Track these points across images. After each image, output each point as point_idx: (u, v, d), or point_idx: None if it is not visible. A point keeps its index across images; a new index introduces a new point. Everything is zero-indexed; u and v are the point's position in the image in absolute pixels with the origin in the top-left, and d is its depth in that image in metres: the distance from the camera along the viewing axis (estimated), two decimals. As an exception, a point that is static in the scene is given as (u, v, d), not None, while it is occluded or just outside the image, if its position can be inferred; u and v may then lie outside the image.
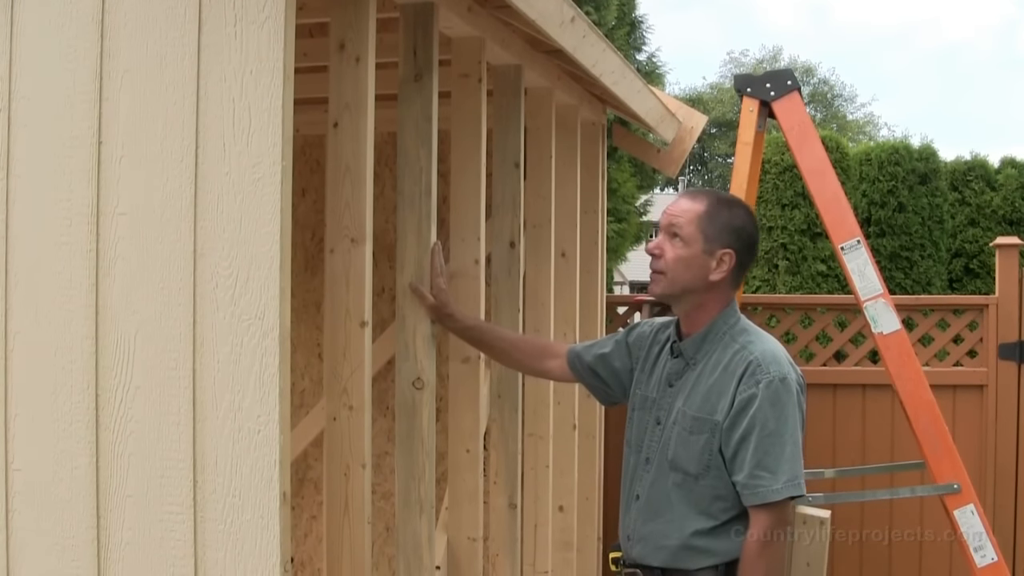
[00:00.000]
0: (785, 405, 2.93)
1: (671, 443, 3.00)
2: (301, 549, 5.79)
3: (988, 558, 4.56)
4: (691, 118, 6.18)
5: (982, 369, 6.47)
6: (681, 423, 2.99)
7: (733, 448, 2.92)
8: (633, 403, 3.21)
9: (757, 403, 2.90)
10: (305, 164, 5.75)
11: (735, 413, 2.92)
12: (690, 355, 3.05)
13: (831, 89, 54.10)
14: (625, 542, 3.14)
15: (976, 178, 11.31)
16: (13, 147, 2.65)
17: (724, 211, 3.03)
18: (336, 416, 3.05)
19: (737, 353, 2.99)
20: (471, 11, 3.72)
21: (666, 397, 3.07)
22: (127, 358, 2.54)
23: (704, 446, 2.95)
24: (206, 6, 2.49)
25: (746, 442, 2.90)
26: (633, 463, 3.13)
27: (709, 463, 2.95)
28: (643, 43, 10.85)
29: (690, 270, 3.00)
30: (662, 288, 3.04)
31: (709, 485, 2.96)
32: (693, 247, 3.00)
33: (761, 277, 10.87)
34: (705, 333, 3.05)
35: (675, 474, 2.99)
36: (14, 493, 2.65)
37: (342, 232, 3.06)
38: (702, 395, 2.98)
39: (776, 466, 2.89)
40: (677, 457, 2.99)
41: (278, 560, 2.42)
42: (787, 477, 2.90)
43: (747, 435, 2.90)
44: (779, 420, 2.91)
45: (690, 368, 3.04)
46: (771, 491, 2.89)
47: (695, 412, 2.97)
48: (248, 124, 2.45)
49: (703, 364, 3.02)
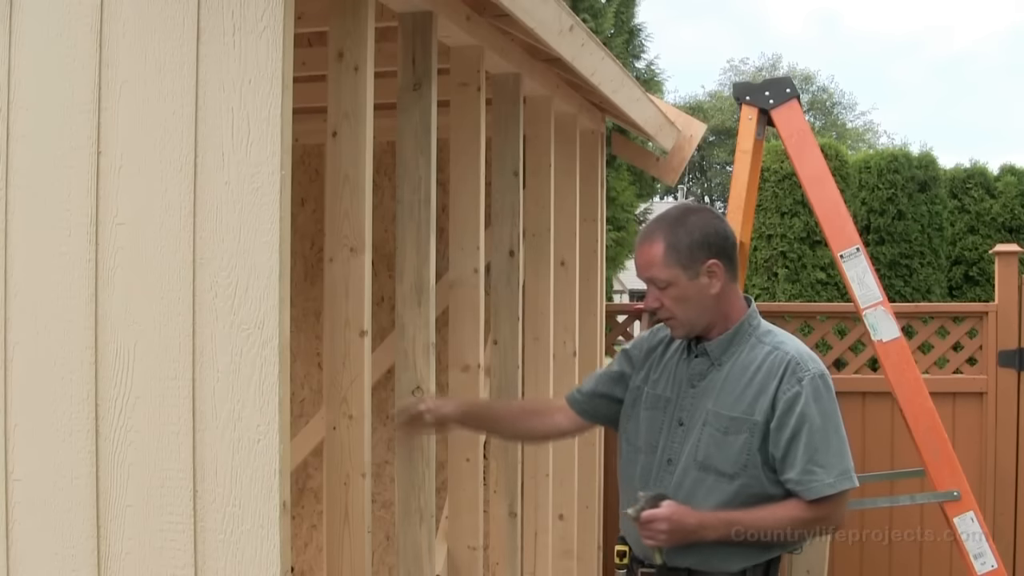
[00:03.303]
0: (828, 401, 2.97)
1: (701, 444, 2.98)
2: (301, 558, 5.79)
3: (988, 565, 4.55)
4: (690, 126, 6.19)
5: (982, 376, 6.47)
6: (714, 424, 2.97)
7: (784, 447, 2.92)
8: (639, 402, 3.15)
9: (803, 400, 2.92)
10: (304, 173, 5.75)
11: (782, 412, 2.93)
12: (716, 356, 3.04)
13: (830, 97, 54.15)
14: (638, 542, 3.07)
15: (975, 185, 11.33)
16: (12, 157, 2.65)
17: (680, 231, 3.02)
18: (336, 425, 3.05)
19: (771, 354, 3.00)
20: (470, 20, 3.73)
21: (688, 398, 3.05)
22: (127, 368, 2.54)
23: (743, 446, 2.94)
24: (204, 16, 2.49)
25: (796, 440, 2.91)
26: (648, 464, 3.08)
27: (747, 463, 2.95)
28: (642, 51, 10.88)
29: (692, 301, 3.01)
30: (684, 330, 3.06)
31: (743, 484, 2.96)
32: (680, 283, 2.99)
33: (761, 285, 10.88)
34: (733, 334, 3.04)
35: (706, 474, 2.97)
36: (14, 503, 2.64)
37: (341, 241, 3.06)
38: (735, 395, 2.97)
39: (827, 460, 2.92)
40: (710, 457, 2.97)
41: (278, 569, 2.41)
42: (839, 471, 2.94)
43: (797, 433, 2.91)
44: (824, 416, 2.94)
45: (715, 368, 3.03)
46: (825, 485, 2.92)
47: (731, 412, 2.96)
48: (247, 133, 2.45)
49: (730, 365, 3.02)
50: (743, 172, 5.10)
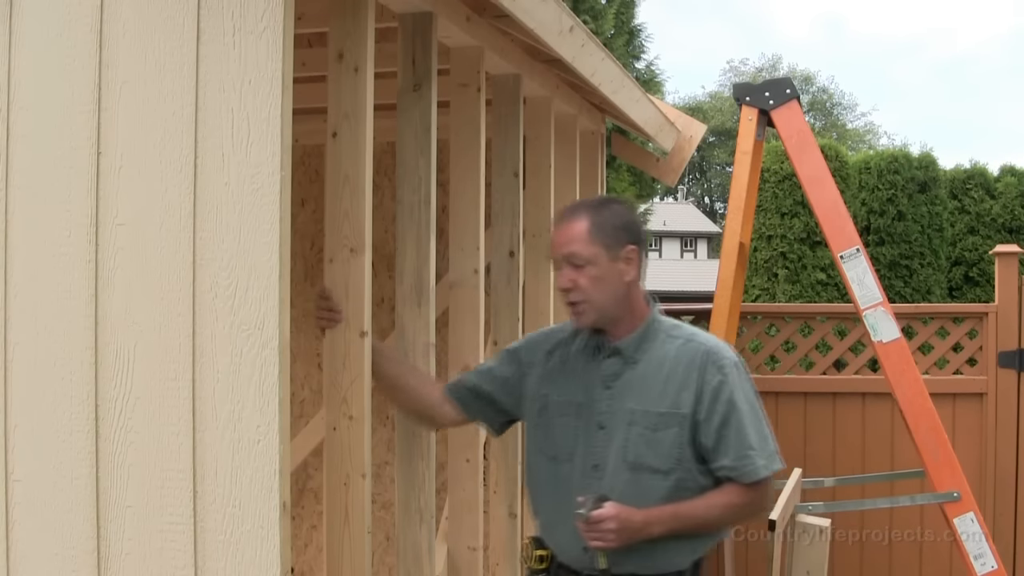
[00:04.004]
0: (749, 386, 3.01)
1: (630, 444, 2.95)
2: (301, 559, 5.79)
3: (988, 566, 4.55)
4: (690, 127, 6.19)
5: (982, 377, 6.47)
6: (642, 422, 2.95)
7: (715, 436, 2.93)
8: (548, 410, 3.07)
9: (729, 388, 2.95)
10: (304, 174, 5.75)
11: (709, 402, 2.93)
12: (630, 354, 3.01)
13: (830, 98, 54.18)
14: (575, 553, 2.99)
15: (976, 186, 11.33)
16: (12, 158, 2.65)
17: (606, 213, 3.02)
18: (336, 426, 3.05)
19: (685, 346, 3.00)
20: (470, 21, 3.73)
21: (604, 400, 3.00)
22: (127, 368, 2.54)
23: (674, 441, 2.94)
24: (204, 17, 2.49)
25: (727, 427, 2.93)
26: (568, 473, 3.01)
27: (680, 456, 2.94)
28: (642, 51, 10.89)
29: (609, 284, 2.97)
30: (592, 316, 2.99)
31: (679, 479, 2.95)
32: (600, 262, 2.96)
33: (760, 286, 10.88)
34: (643, 332, 3.03)
35: (639, 474, 2.94)
36: (14, 504, 2.64)
37: (341, 242, 3.06)
38: (658, 391, 2.96)
39: (757, 444, 2.96)
40: (641, 456, 2.94)
41: (278, 570, 2.41)
42: (767, 453, 2.97)
43: (727, 420, 2.93)
44: (748, 402, 2.98)
45: (630, 367, 3.00)
46: (759, 467, 2.94)
47: (657, 408, 2.95)
48: (247, 134, 2.45)
49: (644, 362, 3.00)
50: (743, 173, 5.11)
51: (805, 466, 5.43)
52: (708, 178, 58.17)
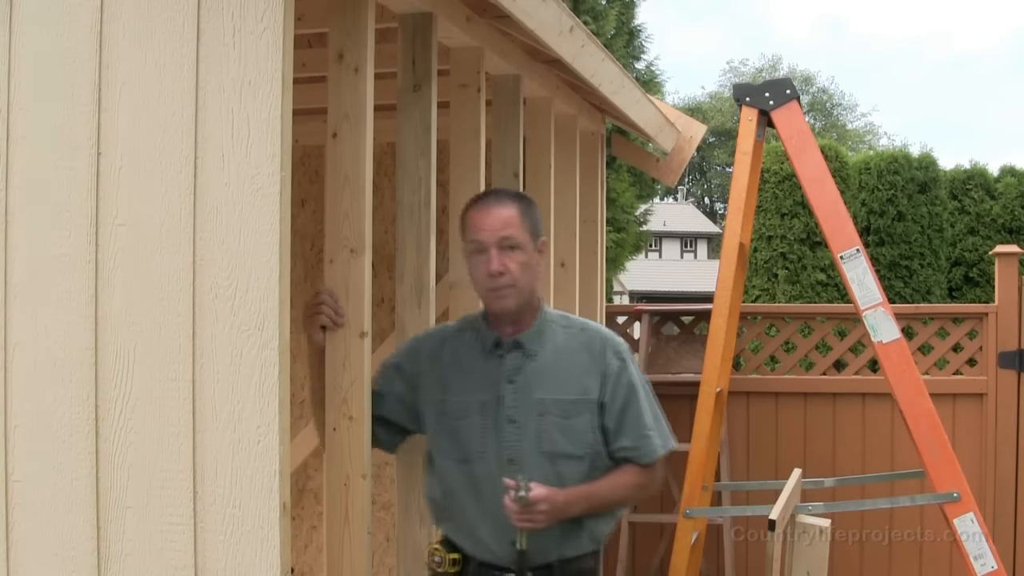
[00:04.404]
0: (639, 370, 3.16)
1: (544, 434, 2.99)
2: (301, 559, 5.79)
3: (988, 566, 4.55)
4: (690, 127, 6.19)
5: (982, 378, 6.47)
6: (553, 411, 3.00)
7: (616, 418, 3.05)
8: (448, 414, 3.06)
9: (626, 372, 3.08)
10: (304, 174, 5.75)
11: (612, 386, 3.05)
12: (533, 348, 3.06)
13: (830, 98, 54.19)
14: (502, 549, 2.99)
15: (976, 187, 11.33)
16: (12, 158, 2.65)
17: (527, 203, 3.10)
18: (336, 427, 3.05)
19: (580, 335, 3.12)
20: (470, 21, 3.73)
21: (510, 395, 3.03)
22: (127, 369, 2.54)
23: (587, 426, 3.03)
24: (204, 17, 2.49)
25: (628, 409, 3.06)
26: (482, 471, 3.01)
27: (592, 440, 3.03)
28: (642, 52, 10.89)
29: (532, 272, 3.05)
30: (515, 300, 3.01)
31: (591, 463, 3.03)
32: (528, 250, 3.02)
33: (760, 286, 10.88)
34: (540, 324, 3.10)
35: (555, 463, 2.98)
36: (14, 504, 2.64)
37: (341, 242, 3.06)
38: (565, 380, 3.04)
39: (653, 425, 3.10)
40: (556, 444, 2.99)
41: (278, 570, 2.41)
42: (663, 433, 3.13)
43: (628, 403, 3.06)
44: (643, 385, 3.13)
45: (531, 360, 3.06)
46: (657, 447, 3.09)
47: (567, 396, 3.02)
48: (247, 134, 2.45)
49: (544, 353, 3.06)
50: (743, 173, 5.10)
51: (805, 466, 5.42)
52: (708, 179, 58.18)
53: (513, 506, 2.86)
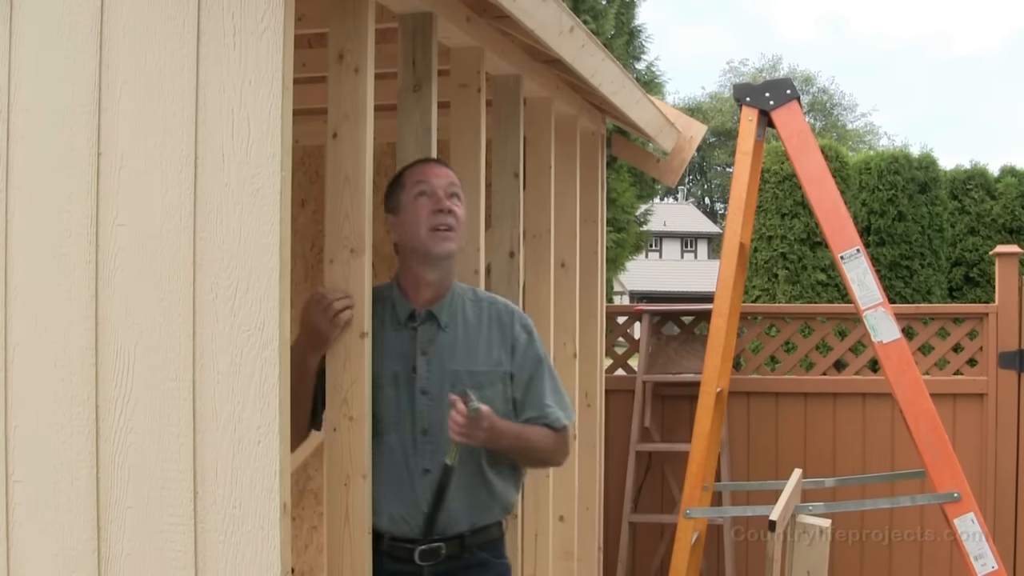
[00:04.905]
0: (540, 344, 3.26)
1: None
2: (302, 559, 5.79)
3: (988, 566, 4.55)
4: (690, 127, 6.18)
5: (982, 378, 6.47)
6: (467, 382, 3.06)
7: (524, 387, 3.16)
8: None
9: (533, 344, 3.21)
10: (304, 174, 5.75)
11: (520, 357, 3.17)
12: (445, 320, 3.13)
13: (830, 98, 54.21)
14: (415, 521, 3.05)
15: (976, 187, 11.34)
16: (12, 158, 2.65)
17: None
18: (336, 427, 3.05)
19: (490, 307, 3.22)
20: (470, 21, 3.73)
21: (423, 366, 3.10)
22: (127, 369, 2.54)
23: (501, 396, 3.11)
24: (205, 17, 2.49)
25: (535, 380, 3.17)
26: (400, 441, 3.07)
27: (506, 411, 3.11)
28: (642, 52, 10.89)
29: (465, 232, 3.20)
30: (456, 244, 3.15)
31: None
32: (463, 210, 3.19)
33: (761, 286, 10.88)
34: (451, 296, 3.18)
35: None
36: (14, 505, 2.64)
37: (342, 242, 3.06)
38: (477, 351, 3.12)
39: (556, 397, 3.22)
40: None
41: (279, 571, 2.41)
42: (564, 406, 3.24)
43: (535, 373, 3.18)
44: (547, 358, 3.26)
45: (443, 332, 3.13)
46: (561, 416, 3.20)
47: (480, 367, 3.10)
48: (247, 134, 2.45)
49: (455, 325, 3.14)
50: (743, 173, 5.10)
51: (805, 466, 5.42)
52: (708, 179, 58.20)
53: (459, 418, 2.92)
